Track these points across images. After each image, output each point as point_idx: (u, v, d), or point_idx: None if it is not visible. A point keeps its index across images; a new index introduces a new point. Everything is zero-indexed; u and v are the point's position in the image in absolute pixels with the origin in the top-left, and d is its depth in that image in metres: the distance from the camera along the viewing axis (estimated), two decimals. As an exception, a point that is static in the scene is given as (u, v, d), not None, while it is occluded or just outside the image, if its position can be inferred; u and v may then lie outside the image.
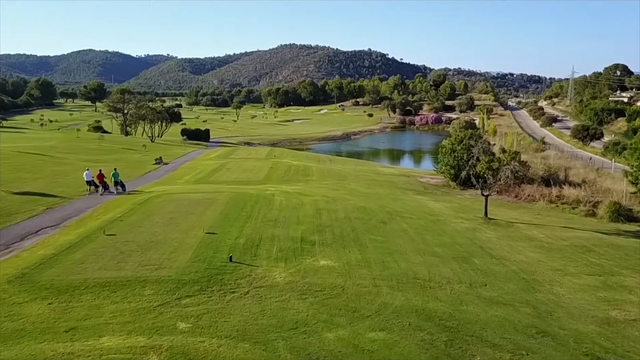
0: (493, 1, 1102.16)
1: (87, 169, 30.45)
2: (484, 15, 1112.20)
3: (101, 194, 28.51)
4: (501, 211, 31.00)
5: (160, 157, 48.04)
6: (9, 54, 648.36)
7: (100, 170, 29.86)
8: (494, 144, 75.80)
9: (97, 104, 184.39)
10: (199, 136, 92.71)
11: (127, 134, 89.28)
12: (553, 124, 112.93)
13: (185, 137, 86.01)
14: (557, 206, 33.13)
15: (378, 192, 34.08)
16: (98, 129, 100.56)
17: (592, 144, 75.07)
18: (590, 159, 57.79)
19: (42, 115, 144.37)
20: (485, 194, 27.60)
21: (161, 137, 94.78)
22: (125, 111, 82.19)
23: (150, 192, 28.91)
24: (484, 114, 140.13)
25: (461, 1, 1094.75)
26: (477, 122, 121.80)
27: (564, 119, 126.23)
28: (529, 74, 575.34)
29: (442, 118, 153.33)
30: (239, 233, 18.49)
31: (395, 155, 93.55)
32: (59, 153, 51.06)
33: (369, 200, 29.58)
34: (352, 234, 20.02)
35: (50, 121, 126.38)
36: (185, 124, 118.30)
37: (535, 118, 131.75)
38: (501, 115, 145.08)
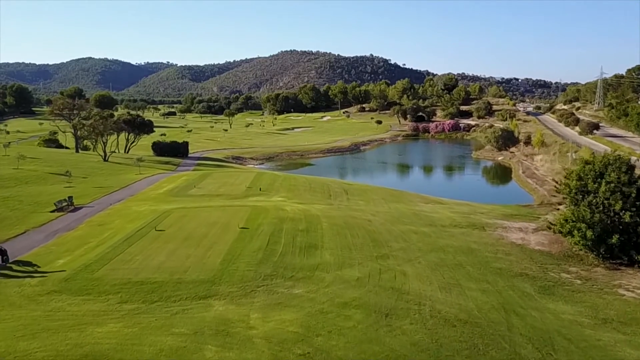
0: (494, 5, 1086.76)
1: None
2: (484, 19, 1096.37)
3: None
4: None
5: (69, 198, 29.11)
6: (7, 63, 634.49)
7: None
8: (540, 160, 56.79)
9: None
10: (176, 150, 73.47)
11: (81, 149, 70.73)
12: (594, 131, 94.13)
13: (143, 155, 65.97)
14: None
15: (479, 306, 14.99)
16: (52, 142, 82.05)
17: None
18: None
19: (5, 125, 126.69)
20: None
21: (128, 152, 76.00)
22: (74, 121, 63.63)
23: None
24: (508, 119, 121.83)
25: (462, 5, 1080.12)
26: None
27: (600, 125, 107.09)
28: (534, 79, 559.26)
29: (460, 125, 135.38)
30: None
31: (422, 176, 74.02)
32: None
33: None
34: None
35: (7, 133, 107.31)
36: (165, 135, 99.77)
37: (567, 124, 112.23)
38: (525, 121, 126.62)
